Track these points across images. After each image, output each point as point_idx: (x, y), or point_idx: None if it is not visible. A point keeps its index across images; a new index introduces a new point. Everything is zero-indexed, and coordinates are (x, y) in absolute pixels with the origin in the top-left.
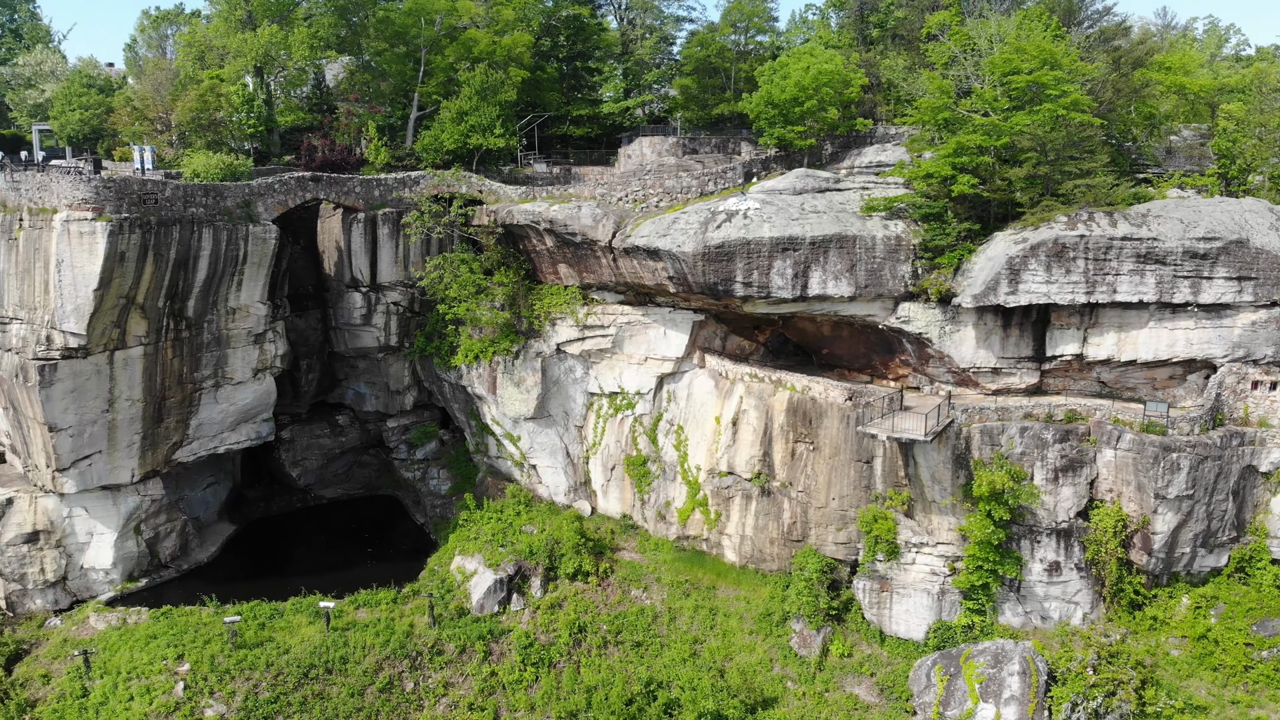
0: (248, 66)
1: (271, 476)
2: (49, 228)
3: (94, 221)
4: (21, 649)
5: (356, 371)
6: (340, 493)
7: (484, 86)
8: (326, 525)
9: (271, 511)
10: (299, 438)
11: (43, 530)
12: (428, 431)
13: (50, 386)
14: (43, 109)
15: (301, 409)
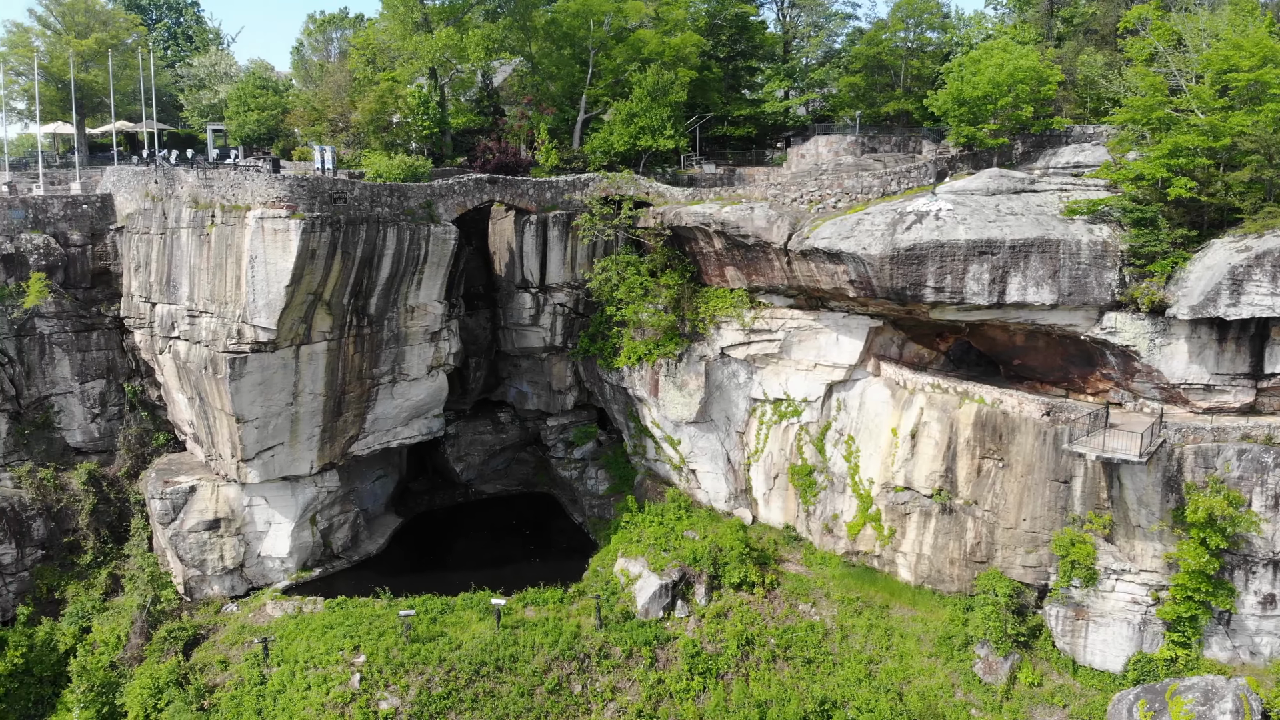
0: (422, 69)
1: (435, 471)
2: (242, 225)
3: (288, 219)
4: (200, 634)
5: (519, 370)
6: (499, 488)
7: (655, 87)
8: (486, 520)
9: (435, 505)
10: (463, 434)
11: (223, 518)
12: (587, 432)
13: (240, 379)
14: (216, 109)
15: (465, 406)
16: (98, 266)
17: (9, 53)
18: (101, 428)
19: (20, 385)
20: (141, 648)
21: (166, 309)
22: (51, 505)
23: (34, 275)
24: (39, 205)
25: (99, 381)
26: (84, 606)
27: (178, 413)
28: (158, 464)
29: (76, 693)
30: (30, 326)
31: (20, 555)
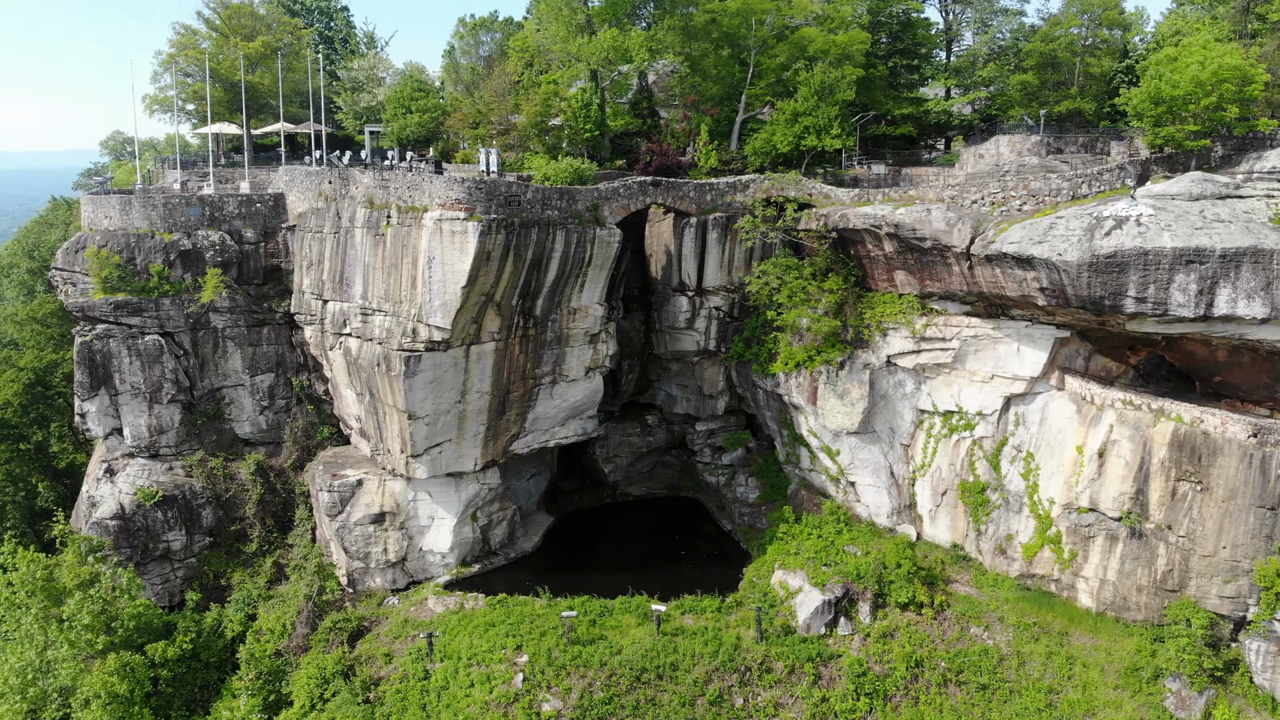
0: (583, 72)
1: (583, 471)
2: (418, 226)
3: (466, 221)
4: (363, 626)
5: (669, 374)
6: (645, 491)
7: (822, 86)
8: (634, 522)
9: (583, 505)
10: (612, 435)
11: (389, 512)
12: (738, 438)
13: (413, 377)
14: (374, 112)
15: (614, 408)
16: (269, 263)
17: (178, 54)
18: (269, 420)
19: (194, 377)
20: (307, 637)
21: (338, 306)
22: (220, 494)
23: (210, 271)
24: (215, 203)
25: (268, 375)
26: (249, 594)
27: (344, 407)
28: (323, 457)
29: (245, 680)
30: (205, 320)
31: (189, 542)
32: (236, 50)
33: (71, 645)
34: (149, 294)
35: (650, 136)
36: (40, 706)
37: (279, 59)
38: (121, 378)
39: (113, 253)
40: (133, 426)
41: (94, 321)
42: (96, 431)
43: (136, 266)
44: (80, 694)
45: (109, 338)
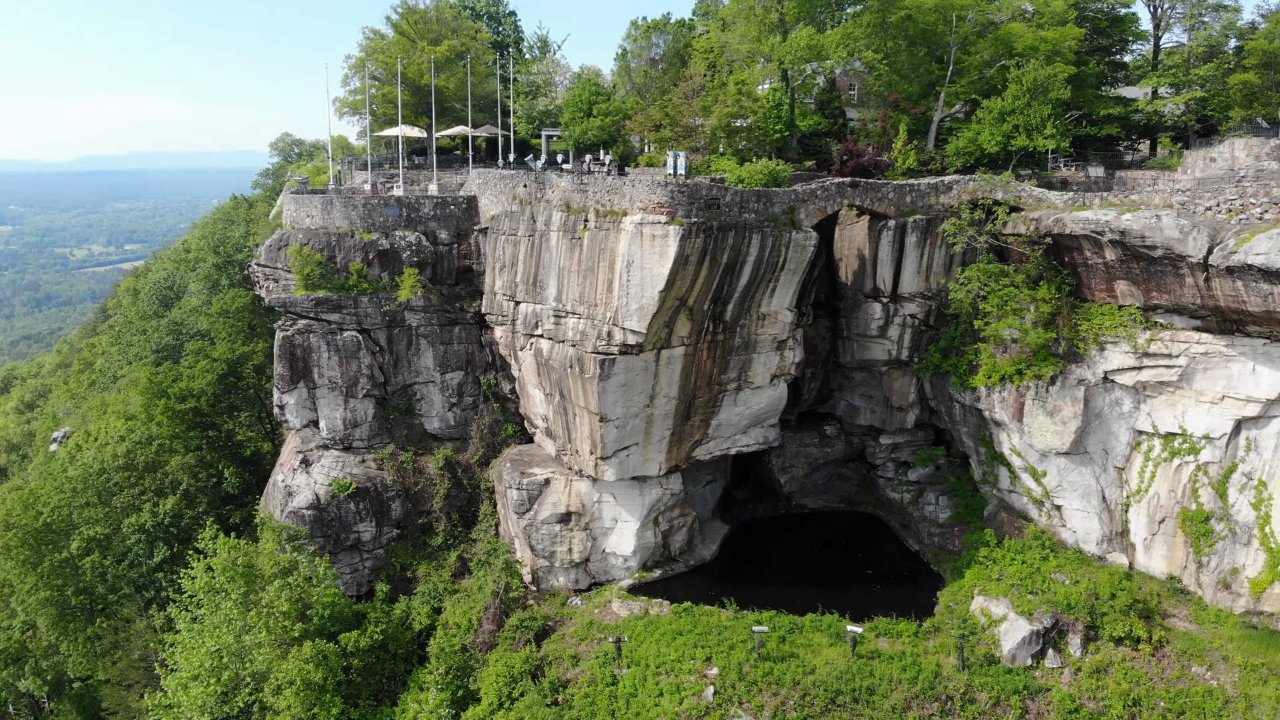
0: (774, 71)
1: (756, 480)
2: (617, 229)
3: (667, 225)
4: (548, 625)
5: (852, 383)
6: (820, 504)
7: (1034, 84)
8: (810, 536)
9: (758, 515)
10: (789, 445)
11: (574, 512)
12: (930, 454)
13: (607, 379)
14: (551, 115)
15: (792, 416)
16: (461, 264)
17: (367, 58)
18: (457, 416)
19: (388, 373)
20: (493, 634)
21: (530, 308)
22: (409, 487)
23: (407, 270)
24: (412, 205)
25: (458, 373)
26: (435, 587)
27: (531, 407)
28: (509, 454)
29: (435, 674)
30: (400, 318)
31: (378, 533)
32: (423, 54)
33: (269, 631)
34: (348, 291)
35: (840, 137)
36: (234, 690)
37: (467, 63)
38: (320, 372)
39: (314, 251)
40: (328, 419)
41: (295, 317)
42: (294, 423)
43: (336, 265)
44: (274, 679)
45: (309, 333)
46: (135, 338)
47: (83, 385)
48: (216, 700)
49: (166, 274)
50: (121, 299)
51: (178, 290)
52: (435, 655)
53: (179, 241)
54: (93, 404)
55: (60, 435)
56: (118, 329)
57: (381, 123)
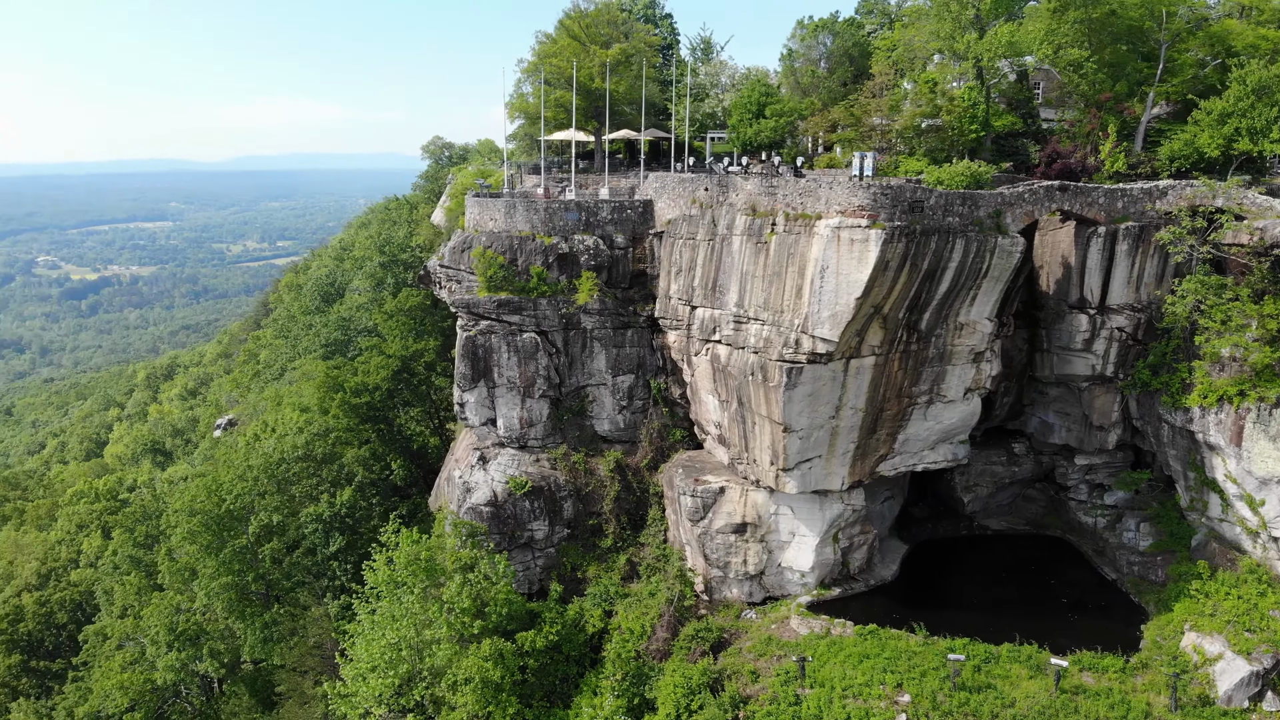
0: (967, 70)
1: (936, 498)
2: (809, 233)
3: (867, 229)
4: (724, 637)
5: (1046, 399)
6: (1004, 525)
7: (1260, 84)
8: (996, 559)
9: (938, 535)
10: (974, 462)
11: (750, 523)
12: (1133, 478)
13: (793, 389)
14: (715, 117)
15: (978, 432)
16: (636, 268)
17: (540, 63)
18: (626, 419)
19: (563, 374)
20: (668, 642)
21: (708, 313)
22: (580, 488)
23: (585, 274)
24: (590, 209)
25: (628, 376)
26: (606, 589)
27: (703, 413)
28: (679, 460)
29: (611, 679)
30: (576, 321)
31: (550, 532)
32: (594, 58)
33: (449, 627)
34: (528, 294)
35: (1035, 137)
36: (410, 683)
37: (643, 67)
38: (499, 372)
39: (497, 253)
40: (506, 418)
41: (477, 318)
42: (473, 420)
43: (518, 267)
44: (451, 675)
45: (491, 334)
46: (301, 332)
47: (247, 375)
48: (393, 692)
49: (328, 271)
50: (282, 294)
51: (338, 287)
52: (612, 660)
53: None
54: (266, 395)
55: (223, 422)
56: (281, 323)
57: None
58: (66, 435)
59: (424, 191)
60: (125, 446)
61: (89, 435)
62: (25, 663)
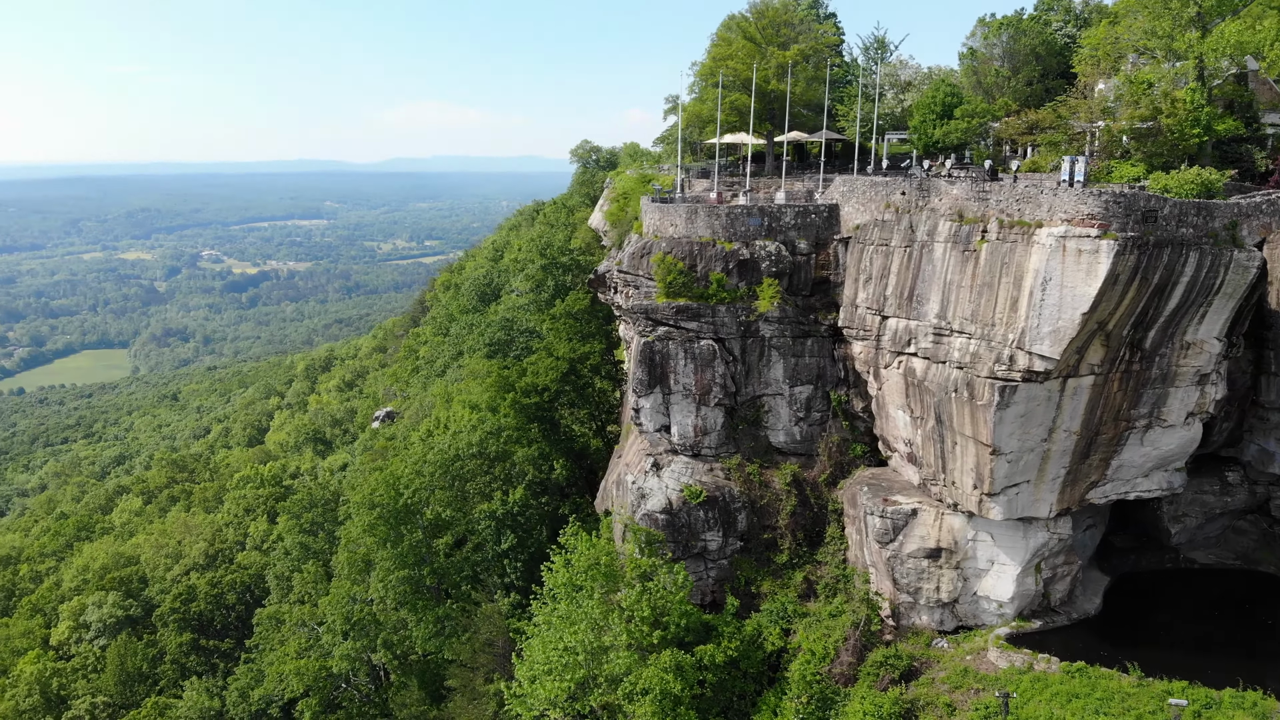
0: (1189, 70)
1: (1139, 527)
2: (1027, 242)
3: (1098, 239)
4: (913, 666)
5: (1267, 425)
6: (1212, 559)
7: None
8: (1203, 595)
9: (1140, 567)
10: (1184, 491)
11: (945, 548)
12: None
13: (1005, 409)
14: (896, 118)
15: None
16: (818, 275)
17: (716, 65)
18: (802, 431)
19: (739, 383)
20: (853, 667)
21: (902, 324)
22: (755, 500)
23: (766, 281)
24: (773, 214)
25: (807, 387)
26: (783, 607)
27: (889, 429)
28: (862, 477)
29: (796, 700)
30: (754, 329)
31: (724, 544)
32: (771, 59)
33: (629, 635)
34: (707, 300)
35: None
36: (585, 689)
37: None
38: (676, 378)
39: (677, 259)
40: (680, 425)
41: (655, 324)
42: (648, 426)
43: (697, 274)
44: (628, 684)
45: (669, 340)
46: (463, 332)
47: (405, 370)
48: (567, 696)
49: (484, 272)
50: (438, 293)
51: (494, 288)
52: (796, 681)
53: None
54: (435, 391)
55: (381, 415)
56: (439, 321)
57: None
58: (230, 421)
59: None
60: (287, 434)
61: (251, 422)
62: (195, 641)
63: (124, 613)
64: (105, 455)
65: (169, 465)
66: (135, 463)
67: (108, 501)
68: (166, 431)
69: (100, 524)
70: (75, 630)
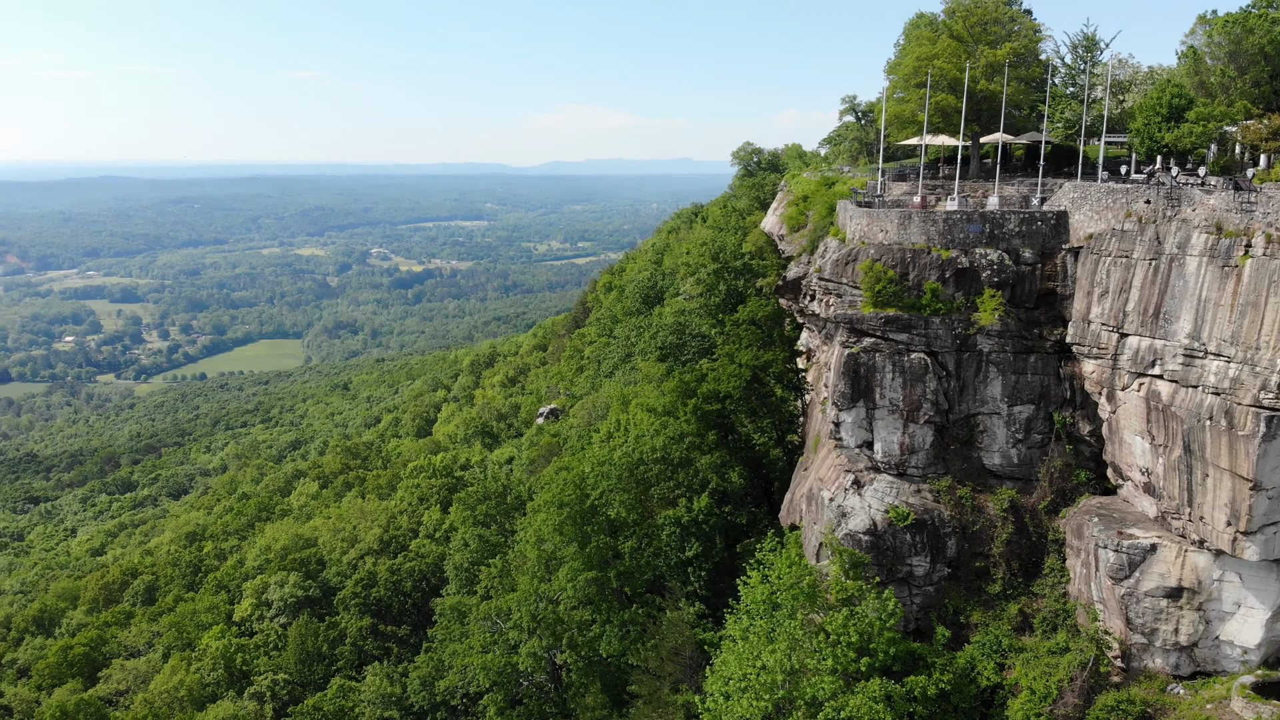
0: None
1: None
2: None
3: None
4: (1146, 712)
5: None
6: None
7: None
8: None
9: None
10: None
11: (1187, 588)
12: None
13: (1271, 440)
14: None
15: None
16: (1044, 287)
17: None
18: (1020, 454)
19: (952, 400)
20: (1079, 709)
21: (1144, 342)
22: (967, 525)
23: (986, 291)
24: (995, 220)
25: (1027, 406)
26: (996, 640)
27: (1124, 455)
28: (1090, 506)
29: None
30: (971, 342)
31: (931, 570)
32: (981, 58)
33: (834, 660)
34: (919, 311)
35: None
36: (783, 711)
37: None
38: (881, 393)
39: (887, 267)
40: (884, 442)
41: (860, 334)
42: (848, 442)
43: (909, 283)
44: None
45: (875, 352)
46: (633, 334)
47: (570, 369)
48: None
49: (648, 275)
50: (600, 295)
51: (658, 290)
52: None
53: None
54: (609, 393)
55: (545, 412)
56: (604, 322)
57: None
58: (399, 412)
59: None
60: (455, 427)
61: (419, 413)
62: (374, 626)
63: (303, 593)
64: (282, 440)
65: (343, 452)
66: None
67: (286, 484)
68: (338, 419)
69: (279, 506)
70: (257, 608)
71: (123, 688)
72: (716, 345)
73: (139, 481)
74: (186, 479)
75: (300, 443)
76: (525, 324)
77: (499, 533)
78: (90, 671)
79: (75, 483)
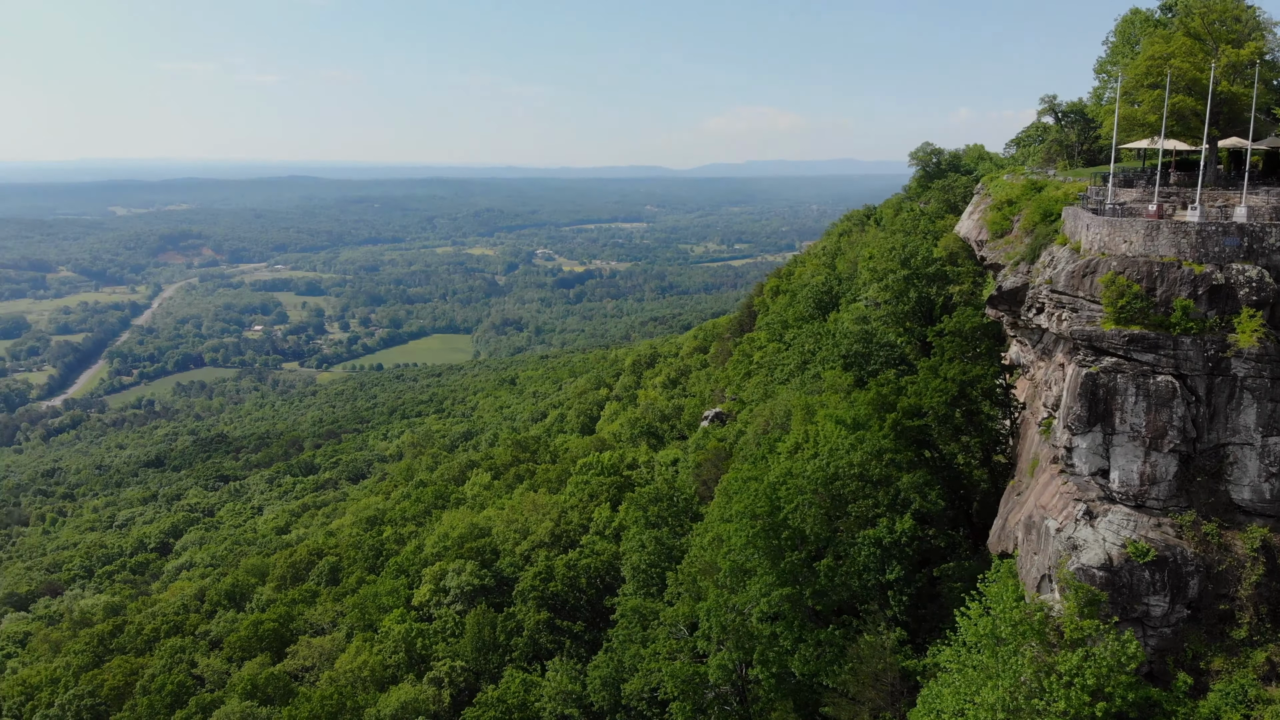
0: None
1: None
2: None
3: None
4: None
5: None
6: None
7: None
8: None
9: None
10: None
11: None
12: None
13: None
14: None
15: None
16: None
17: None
18: (1274, 489)
19: (1200, 428)
20: None
21: None
22: (1211, 564)
23: (1244, 311)
24: (1254, 234)
25: None
26: (1242, 689)
27: None
28: None
29: None
30: (1224, 366)
31: (1169, 610)
32: (1222, 58)
33: (1067, 702)
34: (1167, 330)
35: None
36: None
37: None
38: (1122, 417)
39: (1132, 281)
40: (1123, 471)
41: (1099, 353)
42: (1080, 468)
43: (1156, 299)
44: None
45: (1116, 373)
46: (808, 340)
47: (737, 374)
48: None
49: (823, 279)
50: (767, 299)
51: (833, 295)
52: None
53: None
54: (792, 401)
55: (711, 415)
56: (775, 327)
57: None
58: (564, 408)
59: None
60: (620, 426)
61: (584, 410)
62: (551, 620)
63: (479, 582)
64: (454, 430)
65: (513, 445)
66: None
67: (460, 474)
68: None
69: (454, 494)
70: (435, 594)
71: (308, 664)
72: (906, 355)
73: (320, 465)
74: (365, 464)
75: (471, 434)
76: (681, 325)
77: (671, 535)
78: (278, 646)
79: (262, 463)
